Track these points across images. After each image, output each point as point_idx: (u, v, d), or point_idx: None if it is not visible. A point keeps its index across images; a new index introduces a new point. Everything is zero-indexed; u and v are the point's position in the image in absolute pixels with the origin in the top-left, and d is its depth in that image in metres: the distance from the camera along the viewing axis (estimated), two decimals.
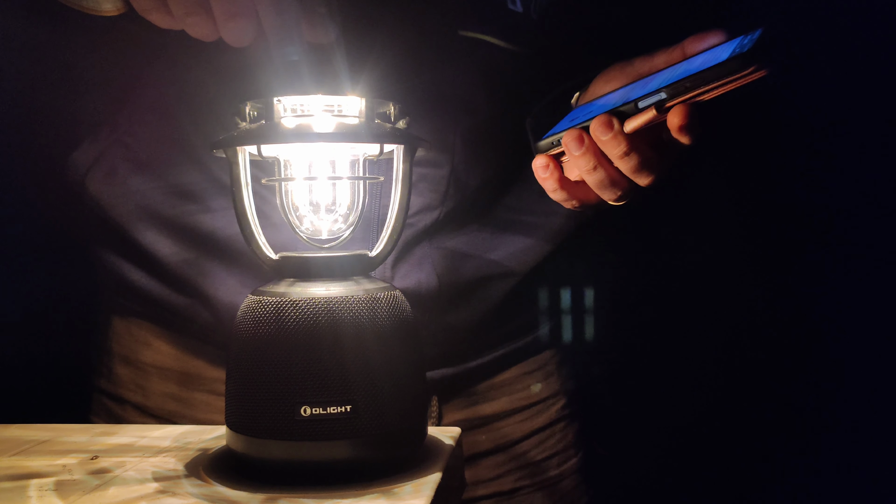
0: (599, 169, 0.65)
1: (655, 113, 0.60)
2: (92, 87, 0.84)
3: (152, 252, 0.83)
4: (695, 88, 0.59)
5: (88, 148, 0.85)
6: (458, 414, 0.89)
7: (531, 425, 0.93)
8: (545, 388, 0.95)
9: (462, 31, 0.80)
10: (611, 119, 0.62)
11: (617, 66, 0.71)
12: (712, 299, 1.47)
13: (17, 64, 0.82)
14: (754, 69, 0.56)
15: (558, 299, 1.00)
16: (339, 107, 0.61)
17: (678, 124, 0.60)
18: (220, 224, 0.81)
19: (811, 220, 1.42)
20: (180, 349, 0.86)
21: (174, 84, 0.82)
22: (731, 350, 1.47)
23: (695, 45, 0.63)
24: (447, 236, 0.85)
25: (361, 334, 0.58)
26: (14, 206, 1.00)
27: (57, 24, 0.72)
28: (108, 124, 0.85)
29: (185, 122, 0.82)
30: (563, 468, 0.96)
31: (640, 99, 0.61)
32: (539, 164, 0.68)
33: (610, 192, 0.67)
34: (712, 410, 1.47)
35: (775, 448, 1.47)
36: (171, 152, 0.83)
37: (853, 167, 1.38)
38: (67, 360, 0.97)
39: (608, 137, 0.62)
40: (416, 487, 0.57)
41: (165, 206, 0.82)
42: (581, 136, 0.64)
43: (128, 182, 0.83)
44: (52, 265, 1.01)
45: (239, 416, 0.60)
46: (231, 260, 0.82)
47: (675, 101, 0.60)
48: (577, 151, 0.64)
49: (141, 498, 0.56)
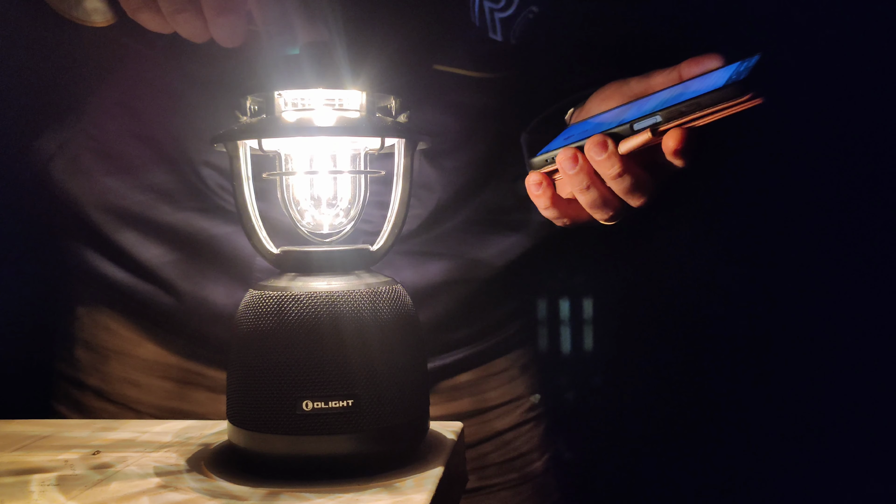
0: (592, 189, 0.65)
1: (650, 136, 0.61)
2: (60, 72, 0.84)
3: (114, 241, 0.84)
4: (690, 113, 0.59)
5: (53, 135, 0.85)
6: None
7: (494, 427, 0.93)
8: (507, 391, 0.95)
9: (437, 66, 0.81)
10: (606, 140, 0.63)
11: (613, 85, 0.71)
12: (679, 304, 1.48)
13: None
14: (750, 97, 0.57)
15: (523, 303, 0.99)
16: (340, 101, 0.61)
17: (673, 148, 0.60)
18: (180, 217, 0.83)
19: (803, 227, 1.43)
20: (140, 334, 0.87)
21: (144, 83, 0.83)
22: (696, 353, 1.49)
23: (692, 68, 0.64)
24: (414, 239, 0.86)
25: (363, 328, 0.58)
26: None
27: (28, 6, 0.72)
28: (74, 112, 0.85)
29: (153, 121, 0.83)
30: (528, 470, 0.95)
31: (636, 121, 0.62)
32: (532, 181, 0.68)
33: (602, 211, 0.67)
34: (679, 413, 1.48)
35: (740, 450, 1.48)
36: (138, 149, 0.84)
37: (851, 175, 1.39)
38: (30, 344, 0.97)
39: (602, 158, 0.63)
40: (417, 481, 0.57)
41: (128, 200, 0.83)
42: (575, 155, 0.64)
43: (92, 173, 0.84)
44: (13, 251, 1.00)
45: (240, 411, 0.59)
46: (193, 251, 0.83)
47: (670, 124, 0.60)
48: (571, 171, 0.65)
49: (143, 493, 0.56)
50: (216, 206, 0.84)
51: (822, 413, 1.41)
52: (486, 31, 0.81)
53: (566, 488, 1.01)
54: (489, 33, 0.81)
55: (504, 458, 0.93)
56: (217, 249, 0.83)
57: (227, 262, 0.83)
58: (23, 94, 0.85)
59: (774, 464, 1.45)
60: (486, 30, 0.81)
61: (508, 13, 0.81)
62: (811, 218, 1.42)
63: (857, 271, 1.40)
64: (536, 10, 0.82)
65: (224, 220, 0.83)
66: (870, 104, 1.34)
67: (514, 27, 0.82)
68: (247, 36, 0.64)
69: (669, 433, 1.47)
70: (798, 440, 1.43)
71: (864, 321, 1.40)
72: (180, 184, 0.84)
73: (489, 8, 0.80)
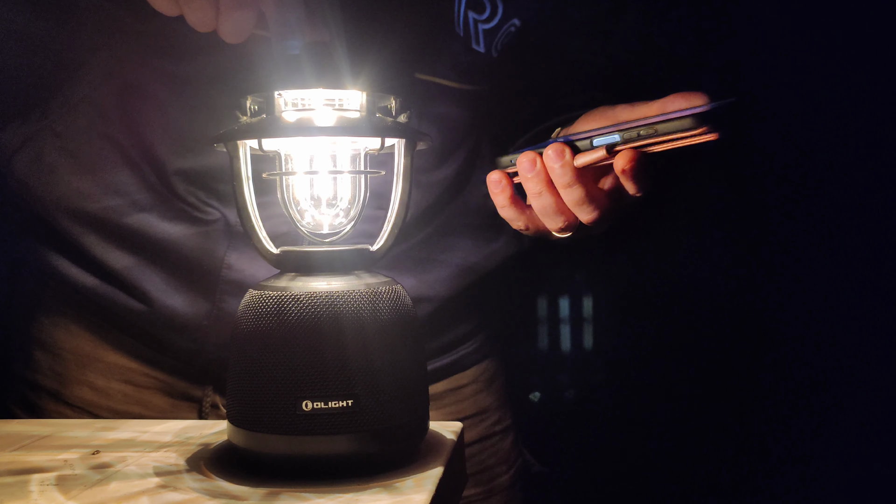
0: (545, 195, 0.67)
1: (605, 153, 0.63)
2: (26, 63, 0.83)
3: (76, 242, 0.82)
4: (647, 137, 0.61)
5: (17, 130, 0.83)
6: None
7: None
8: (473, 404, 0.94)
9: (418, 75, 0.81)
10: (564, 149, 0.65)
11: (601, 110, 0.73)
12: (679, 304, 1.49)
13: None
14: (706, 130, 0.58)
15: (487, 316, 0.98)
16: (340, 101, 0.61)
17: (621, 167, 0.62)
18: (145, 223, 0.81)
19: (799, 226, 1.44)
20: (101, 338, 0.85)
21: (112, 79, 0.81)
22: (667, 363, 1.49)
23: (677, 101, 0.65)
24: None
25: (363, 329, 0.58)
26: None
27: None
28: (39, 108, 0.83)
29: (121, 120, 0.81)
30: (494, 484, 0.95)
31: (596, 137, 0.64)
32: (493, 178, 0.69)
33: (552, 220, 0.69)
34: (650, 424, 1.49)
35: (740, 450, 1.48)
36: (104, 149, 0.82)
37: (851, 173, 1.39)
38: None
39: (558, 165, 0.65)
40: (417, 482, 0.57)
41: (92, 201, 0.81)
42: (535, 159, 0.66)
43: (56, 172, 0.82)
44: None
45: (240, 411, 0.59)
46: (158, 257, 0.81)
47: (626, 145, 0.62)
48: (528, 173, 0.67)
49: (142, 493, 0.56)
50: (183, 212, 0.81)
51: (821, 412, 1.41)
52: (470, 42, 0.81)
53: (534, 501, 1.01)
54: (472, 44, 0.81)
55: (470, 471, 0.92)
56: (182, 256, 0.81)
57: (192, 270, 0.81)
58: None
59: (774, 463, 1.45)
60: (469, 40, 0.81)
61: (492, 25, 0.81)
62: (811, 217, 1.43)
63: (857, 269, 1.40)
64: (518, 23, 0.82)
65: (191, 226, 0.81)
66: (869, 105, 1.35)
67: (497, 40, 0.82)
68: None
69: (644, 443, 1.48)
70: (798, 440, 1.43)
71: (864, 319, 1.40)
72: (147, 188, 0.81)
73: (473, 18, 0.80)
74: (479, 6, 0.80)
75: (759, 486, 1.46)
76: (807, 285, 1.43)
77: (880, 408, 1.37)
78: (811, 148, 1.39)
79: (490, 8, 0.80)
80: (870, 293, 1.39)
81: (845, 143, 1.38)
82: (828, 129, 1.36)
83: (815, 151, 1.39)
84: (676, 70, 0.86)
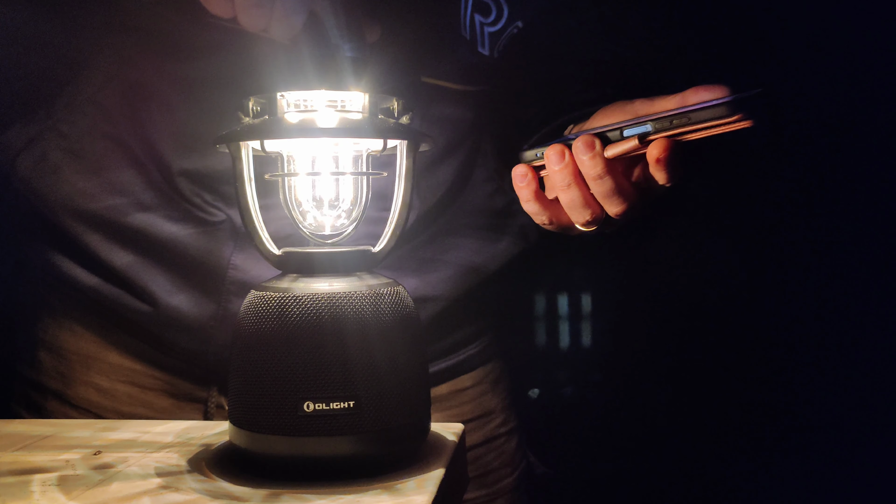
0: (574, 187, 0.66)
1: (637, 143, 0.62)
2: (32, 63, 0.82)
3: (81, 242, 0.82)
4: (680, 126, 0.60)
5: (21, 130, 0.83)
6: None
7: (466, 441, 0.93)
8: (479, 406, 0.94)
9: (424, 78, 0.81)
10: (594, 140, 0.63)
11: (618, 104, 0.72)
12: (678, 303, 1.48)
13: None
14: (740, 118, 0.57)
15: (494, 317, 0.98)
16: (343, 102, 0.61)
17: (656, 156, 0.61)
18: (149, 223, 0.81)
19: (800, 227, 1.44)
20: (105, 339, 0.85)
21: (117, 79, 0.81)
22: (666, 361, 1.49)
23: (699, 94, 0.64)
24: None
25: (364, 330, 0.58)
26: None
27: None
28: (44, 108, 0.83)
29: (122, 121, 0.81)
30: (499, 486, 0.95)
31: (626, 127, 0.63)
32: (518, 172, 0.68)
33: (579, 213, 0.67)
34: (655, 427, 1.48)
35: (739, 450, 1.48)
36: (109, 149, 0.82)
37: (850, 172, 1.40)
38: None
39: (588, 157, 0.63)
40: (419, 483, 0.57)
41: (94, 200, 0.81)
42: (563, 151, 0.65)
43: (60, 172, 0.82)
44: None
45: (242, 412, 0.59)
46: (163, 257, 0.81)
47: (658, 135, 0.61)
48: (556, 166, 0.65)
49: (144, 493, 0.56)
50: (188, 213, 0.81)
51: (821, 411, 1.41)
52: (476, 45, 0.81)
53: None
54: (478, 47, 0.81)
55: (474, 473, 0.92)
56: (188, 257, 0.81)
57: (197, 271, 0.81)
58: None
59: (776, 462, 1.45)
60: (475, 43, 0.81)
61: (497, 27, 0.81)
62: (811, 215, 1.43)
63: (857, 268, 1.40)
64: (521, 25, 0.82)
65: (197, 227, 0.81)
66: (869, 105, 1.35)
67: (500, 42, 0.82)
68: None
69: (648, 446, 1.48)
70: (798, 439, 1.43)
71: (864, 318, 1.40)
72: (152, 188, 0.81)
73: (479, 21, 0.80)
74: (485, 9, 0.80)
75: (760, 485, 1.46)
76: (807, 283, 1.43)
77: (880, 408, 1.37)
78: (811, 148, 1.39)
79: (496, 11, 0.80)
80: (870, 293, 1.39)
81: (845, 142, 1.38)
82: (828, 129, 1.36)
83: (815, 151, 1.40)
84: (684, 66, 0.85)
